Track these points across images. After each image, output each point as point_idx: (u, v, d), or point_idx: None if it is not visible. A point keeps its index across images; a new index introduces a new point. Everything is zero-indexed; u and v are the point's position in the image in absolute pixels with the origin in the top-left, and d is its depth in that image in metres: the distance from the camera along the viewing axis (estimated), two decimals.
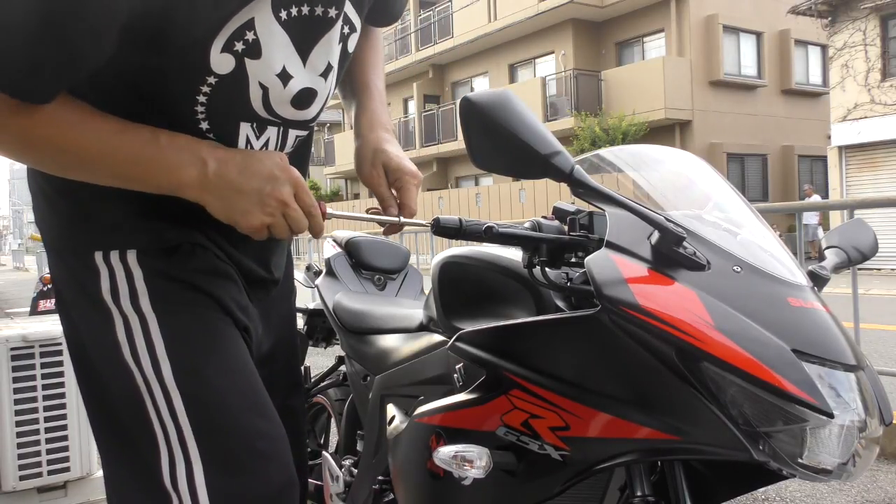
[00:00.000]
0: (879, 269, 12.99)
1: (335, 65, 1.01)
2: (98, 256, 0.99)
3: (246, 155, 0.93)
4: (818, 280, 1.08)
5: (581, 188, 0.94)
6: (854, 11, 14.37)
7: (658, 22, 18.02)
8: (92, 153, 0.88)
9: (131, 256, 0.99)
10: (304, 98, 0.98)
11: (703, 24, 17.58)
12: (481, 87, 21.99)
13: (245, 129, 0.98)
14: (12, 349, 2.38)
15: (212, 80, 0.90)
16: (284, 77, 0.94)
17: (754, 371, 0.82)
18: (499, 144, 0.92)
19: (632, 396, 0.91)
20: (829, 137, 15.52)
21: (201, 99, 0.92)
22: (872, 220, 1.77)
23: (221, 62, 0.88)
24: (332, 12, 0.95)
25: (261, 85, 0.93)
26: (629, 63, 18.74)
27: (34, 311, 5.62)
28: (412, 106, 24.31)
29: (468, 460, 1.05)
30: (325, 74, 1.00)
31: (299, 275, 2.28)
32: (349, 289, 1.98)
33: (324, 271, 2.10)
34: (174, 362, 0.96)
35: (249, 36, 0.87)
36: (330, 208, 1.03)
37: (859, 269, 3.67)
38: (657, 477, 1.04)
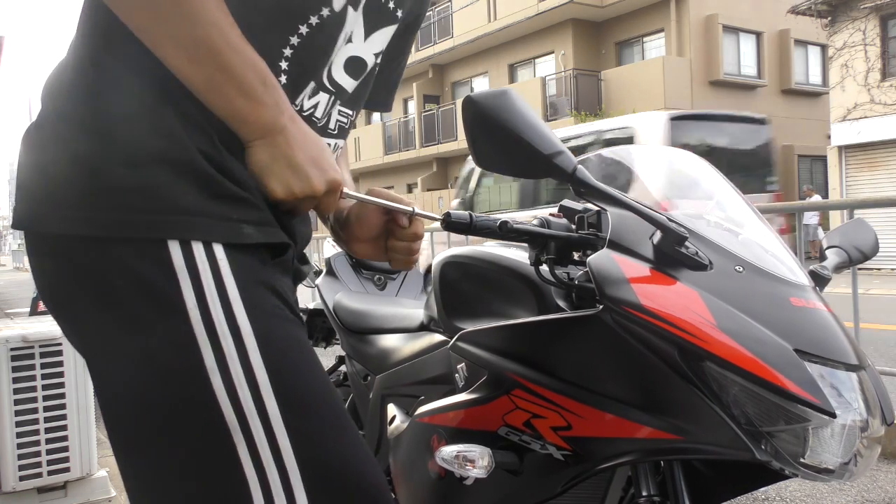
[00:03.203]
0: (879, 269, 12.99)
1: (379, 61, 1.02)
2: (174, 248, 0.76)
3: (316, 136, 0.87)
4: (819, 280, 1.09)
5: (583, 188, 0.94)
6: (854, 11, 14.37)
7: (658, 22, 18.02)
8: (192, 16, 0.74)
9: (219, 254, 0.77)
10: (355, 66, 0.96)
11: (703, 23, 17.59)
12: (481, 87, 21.99)
13: (307, 90, 0.92)
14: (12, 349, 2.38)
15: (326, 12, 0.87)
16: (348, 37, 0.93)
17: (756, 371, 0.82)
18: (501, 144, 0.92)
19: (634, 396, 0.91)
20: (829, 137, 15.52)
21: (302, 30, 0.86)
22: (872, 219, 1.76)
23: None
24: (400, 12, 0.99)
25: (345, 36, 0.92)
26: (629, 63, 18.75)
27: (34, 312, 5.61)
28: (412, 106, 24.31)
29: (470, 460, 1.05)
30: (377, 56, 1.00)
31: None
32: (349, 288, 1.98)
33: (324, 271, 2.10)
34: (280, 396, 0.77)
35: None
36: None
37: (859, 269, 3.67)
38: (660, 477, 1.04)
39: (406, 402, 1.40)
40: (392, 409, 1.42)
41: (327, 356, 3.24)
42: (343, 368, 2.00)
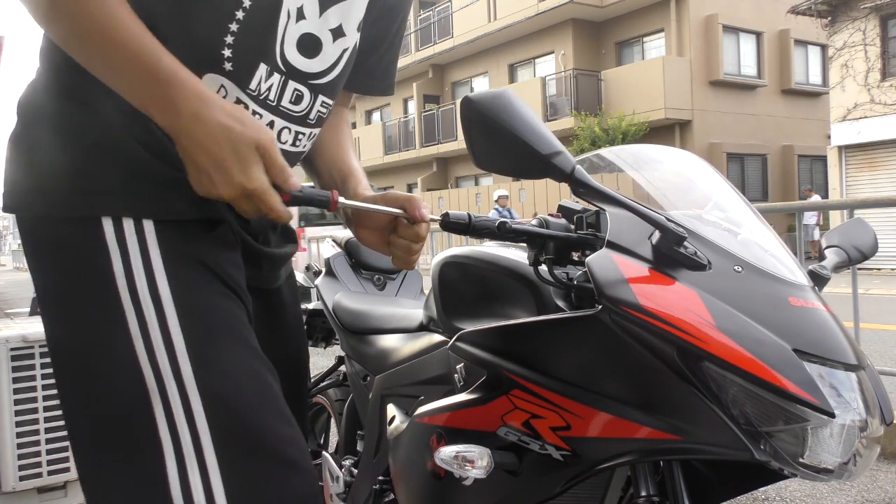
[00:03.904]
0: (879, 269, 12.98)
1: (348, 34, 1.01)
2: (107, 225, 0.85)
3: (227, 128, 0.81)
4: (818, 280, 1.08)
5: (582, 188, 0.94)
6: (854, 11, 14.37)
7: (658, 22, 18.02)
8: (100, 28, 0.80)
9: (149, 229, 0.86)
10: (309, 45, 0.97)
11: (703, 23, 17.59)
12: (481, 87, 21.99)
13: (260, 73, 0.94)
14: (12, 349, 2.38)
15: None
16: (300, 14, 0.94)
17: (755, 371, 0.82)
18: (500, 144, 0.92)
19: (633, 396, 0.91)
20: (829, 137, 15.52)
21: (238, 15, 0.88)
22: (872, 220, 1.76)
23: None
24: None
25: (288, 13, 0.92)
26: (629, 63, 18.74)
27: (34, 312, 5.62)
28: (412, 106, 24.31)
29: (469, 460, 1.05)
30: (335, 34, 0.99)
31: (299, 275, 2.28)
32: (349, 289, 1.98)
33: (323, 271, 2.10)
34: (195, 359, 0.84)
35: None
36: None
37: (859, 269, 3.67)
38: (659, 477, 1.04)
39: (405, 403, 1.40)
40: (391, 410, 1.42)
41: (327, 356, 3.24)
42: (342, 368, 2.00)
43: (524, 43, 20.33)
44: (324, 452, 1.95)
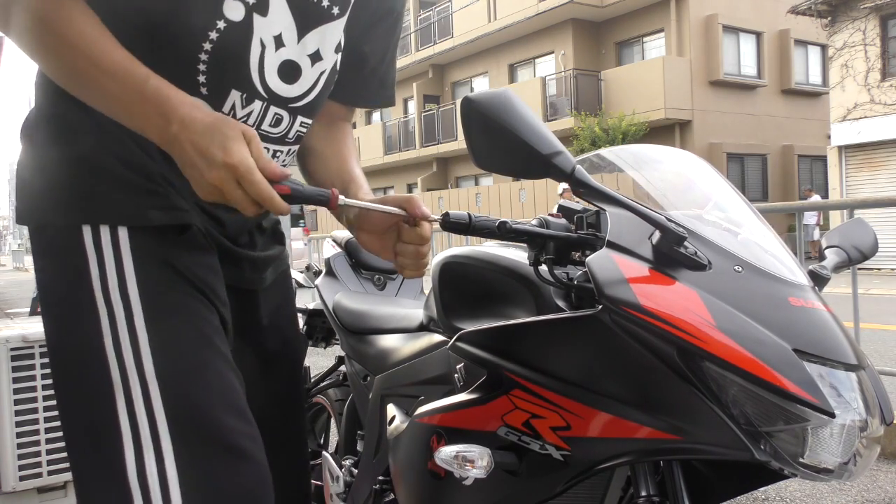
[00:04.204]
0: (879, 269, 12.98)
1: (325, 58, 1.07)
2: (87, 232, 0.94)
3: (211, 125, 0.85)
4: (818, 280, 1.08)
5: (582, 188, 0.94)
6: (854, 11, 14.37)
7: (658, 22, 18.01)
8: (93, 62, 0.87)
9: (122, 234, 0.95)
10: (289, 71, 1.03)
11: (703, 24, 17.58)
12: (481, 87, 21.99)
13: (234, 97, 1.01)
14: (12, 349, 2.38)
15: (221, 24, 0.94)
16: (279, 42, 1.00)
17: (755, 371, 0.82)
18: (500, 144, 0.92)
19: (633, 396, 0.91)
20: (829, 137, 15.52)
21: (206, 47, 0.95)
22: (872, 220, 1.76)
23: (233, 9, 0.94)
24: (336, 9, 1.04)
25: (261, 42, 0.98)
26: (629, 63, 18.74)
27: (34, 312, 5.62)
28: (412, 106, 24.31)
29: (469, 460, 1.05)
30: (312, 59, 1.05)
31: (299, 275, 2.28)
32: (349, 289, 1.98)
33: (323, 271, 2.10)
34: (157, 355, 0.92)
35: None
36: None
37: (859, 269, 3.67)
38: (659, 477, 1.04)
39: (405, 403, 1.40)
40: (391, 410, 1.42)
41: (327, 356, 3.24)
42: (343, 369, 2.00)
43: (524, 43, 20.32)
44: (324, 452, 1.95)
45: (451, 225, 0.98)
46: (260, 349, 1.24)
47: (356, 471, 1.70)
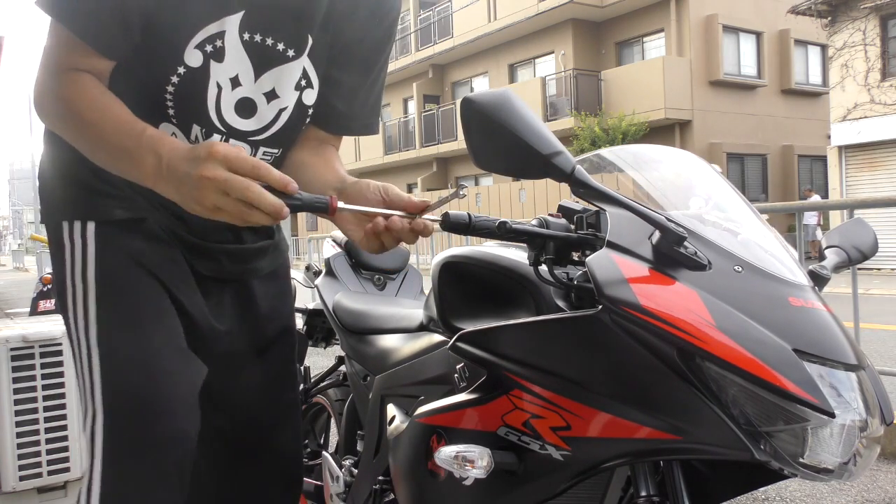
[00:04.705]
0: (879, 269, 12.98)
1: (282, 96, 1.18)
2: (66, 227, 1.15)
3: (194, 146, 0.95)
4: (818, 280, 1.08)
5: (582, 188, 0.94)
6: (854, 11, 14.37)
7: (658, 22, 18.01)
8: (97, 130, 1.02)
9: (90, 229, 1.14)
10: (247, 106, 1.16)
11: (703, 24, 17.58)
12: (481, 87, 21.99)
13: (196, 131, 1.16)
14: (12, 349, 2.38)
15: (182, 70, 1.09)
16: (235, 82, 1.13)
17: (755, 371, 0.82)
18: (499, 144, 0.92)
19: (633, 396, 0.91)
20: (829, 137, 15.52)
21: (170, 89, 1.10)
22: (872, 220, 1.76)
23: (193, 57, 1.08)
24: (291, 52, 1.15)
25: (217, 84, 1.12)
26: (629, 63, 18.74)
27: (34, 312, 5.62)
28: (412, 106, 24.31)
29: (469, 460, 1.05)
30: (268, 96, 1.17)
31: (299, 275, 2.28)
32: (349, 289, 1.98)
33: (323, 271, 2.10)
34: (102, 327, 1.10)
35: (218, 43, 1.09)
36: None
37: (859, 269, 3.67)
38: (659, 477, 1.04)
39: (405, 403, 1.40)
40: (391, 410, 1.42)
41: (327, 356, 3.24)
42: (343, 369, 2.00)
43: (524, 43, 20.32)
44: (324, 452, 1.95)
45: (451, 225, 0.98)
46: (257, 334, 1.32)
47: (356, 471, 1.70)
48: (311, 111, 1.24)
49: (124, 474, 1.08)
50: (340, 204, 0.94)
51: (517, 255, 1.19)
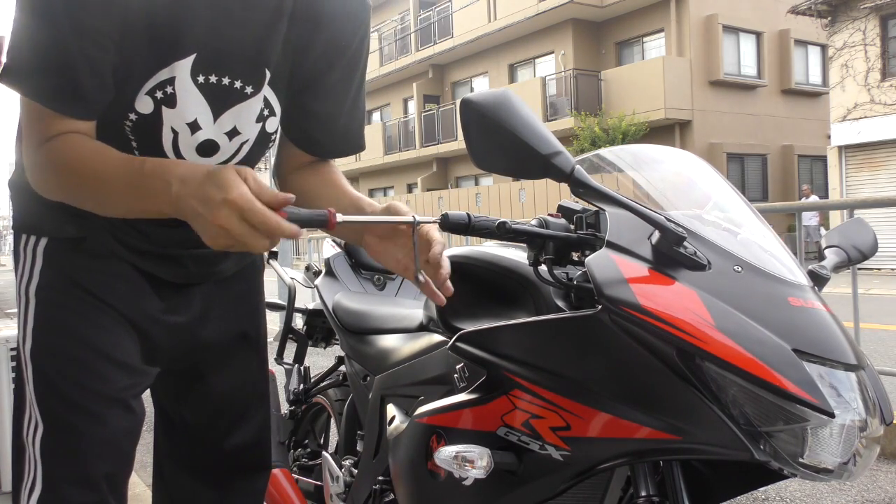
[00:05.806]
0: (879, 269, 12.98)
1: (244, 132, 1.17)
2: (23, 239, 1.21)
3: (207, 174, 0.92)
4: (818, 279, 1.08)
5: (582, 188, 0.94)
6: (854, 11, 14.37)
7: (658, 22, 18.01)
8: (99, 181, 1.02)
9: (42, 244, 1.19)
10: (208, 148, 1.15)
11: (703, 24, 17.58)
12: (481, 87, 21.99)
13: None
14: (12, 349, 2.38)
15: (133, 116, 1.09)
16: (194, 126, 1.12)
17: (755, 371, 0.82)
18: (499, 145, 0.92)
19: (632, 396, 0.91)
20: (829, 137, 15.52)
21: (126, 131, 1.11)
22: (872, 220, 1.76)
23: (143, 104, 1.08)
24: (249, 89, 1.14)
25: (172, 129, 1.11)
26: (629, 63, 18.74)
27: None
28: (412, 106, 24.30)
29: (469, 460, 1.05)
30: (230, 135, 1.16)
31: (299, 275, 2.28)
32: (349, 289, 1.98)
33: (323, 271, 2.10)
34: (35, 340, 1.16)
35: (169, 89, 1.08)
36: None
37: (859, 269, 3.67)
38: (659, 477, 1.04)
39: (405, 403, 1.40)
40: (391, 410, 1.42)
41: (327, 356, 3.24)
42: (343, 369, 2.00)
43: (524, 43, 20.32)
44: (324, 452, 1.95)
45: (451, 225, 0.98)
46: (226, 331, 1.34)
47: (356, 471, 1.70)
48: (274, 137, 1.24)
49: (60, 490, 1.14)
50: (340, 217, 0.92)
51: (517, 255, 1.19)
